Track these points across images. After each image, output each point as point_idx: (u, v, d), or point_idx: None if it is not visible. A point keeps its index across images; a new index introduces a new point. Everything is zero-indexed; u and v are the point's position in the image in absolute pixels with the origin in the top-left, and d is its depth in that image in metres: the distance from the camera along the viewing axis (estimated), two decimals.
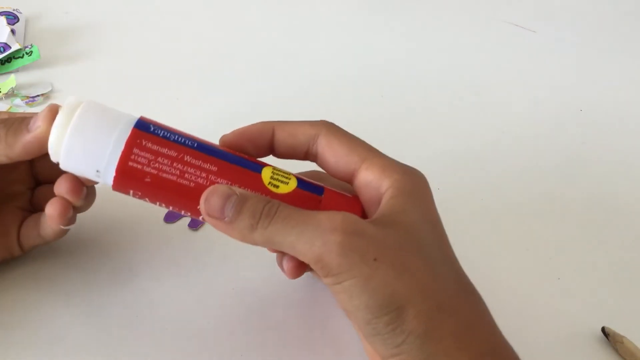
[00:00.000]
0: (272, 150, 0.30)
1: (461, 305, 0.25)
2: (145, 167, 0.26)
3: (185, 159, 0.27)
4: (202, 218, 0.27)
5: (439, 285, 0.25)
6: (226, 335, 0.32)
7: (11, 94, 0.49)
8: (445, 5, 0.69)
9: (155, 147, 0.26)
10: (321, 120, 0.30)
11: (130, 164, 0.26)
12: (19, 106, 0.48)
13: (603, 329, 0.34)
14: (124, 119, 0.27)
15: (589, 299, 0.36)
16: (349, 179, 0.29)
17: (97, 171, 0.27)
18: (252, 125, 0.30)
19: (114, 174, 0.26)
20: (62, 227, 0.31)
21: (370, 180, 0.28)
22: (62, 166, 0.27)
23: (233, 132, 0.30)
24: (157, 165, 0.26)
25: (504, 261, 0.38)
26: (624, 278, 0.38)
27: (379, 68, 0.57)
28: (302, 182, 0.28)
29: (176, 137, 0.27)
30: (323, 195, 0.28)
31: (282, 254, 0.30)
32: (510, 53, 0.61)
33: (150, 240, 0.36)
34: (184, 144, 0.27)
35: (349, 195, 0.29)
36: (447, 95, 0.54)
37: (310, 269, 0.30)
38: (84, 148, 0.26)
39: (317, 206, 0.28)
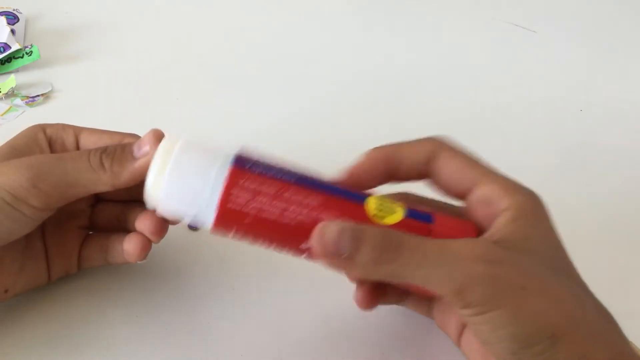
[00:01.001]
0: (391, 176, 0.28)
1: (610, 334, 0.25)
2: (244, 208, 0.25)
3: (285, 195, 0.25)
4: (305, 256, 0.26)
5: (587, 314, 0.24)
6: (226, 335, 0.32)
7: (11, 94, 0.49)
8: (445, 5, 0.69)
9: (253, 186, 0.25)
10: (435, 137, 0.28)
11: (229, 205, 0.25)
12: (19, 106, 0.48)
13: None
14: (219, 159, 0.26)
15: None
16: (462, 195, 0.28)
17: (195, 215, 0.26)
18: (365, 159, 0.28)
19: (213, 218, 0.26)
20: (139, 261, 0.31)
21: (489, 196, 0.26)
22: (159, 213, 0.27)
23: (346, 173, 0.28)
24: (256, 204, 0.25)
25: None
26: (624, 278, 0.38)
27: (379, 69, 0.57)
28: (410, 209, 0.27)
29: (274, 171, 0.26)
30: (434, 223, 0.27)
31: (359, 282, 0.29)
32: (510, 53, 0.61)
33: None
34: (282, 179, 0.26)
35: (462, 219, 0.28)
36: (447, 95, 0.54)
37: (387, 300, 0.30)
38: (182, 198, 0.26)
39: (427, 235, 0.26)
